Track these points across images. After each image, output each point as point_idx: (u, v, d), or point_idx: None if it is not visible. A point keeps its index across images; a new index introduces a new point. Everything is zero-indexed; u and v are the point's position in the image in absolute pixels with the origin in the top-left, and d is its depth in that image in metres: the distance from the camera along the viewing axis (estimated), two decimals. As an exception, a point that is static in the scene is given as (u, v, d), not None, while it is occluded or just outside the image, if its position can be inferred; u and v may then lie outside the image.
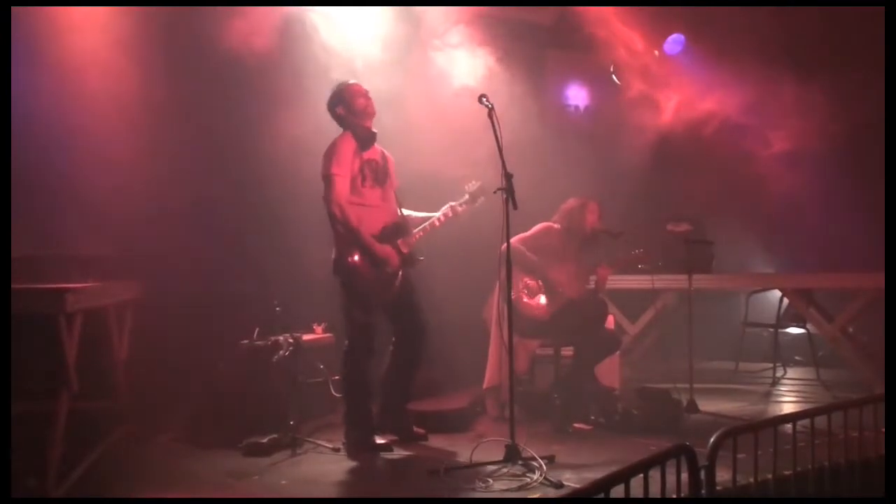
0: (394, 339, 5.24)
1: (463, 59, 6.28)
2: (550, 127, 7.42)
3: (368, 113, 5.09)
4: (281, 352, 5.20)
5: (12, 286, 3.85)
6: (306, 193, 5.59)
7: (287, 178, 5.74)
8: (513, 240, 4.78)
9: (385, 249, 4.99)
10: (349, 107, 5.08)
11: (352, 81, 5.19)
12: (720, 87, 7.59)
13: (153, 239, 5.44)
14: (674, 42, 8.15)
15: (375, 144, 5.14)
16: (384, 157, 5.20)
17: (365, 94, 5.12)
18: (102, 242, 5.22)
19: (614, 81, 8.24)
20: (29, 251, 4.69)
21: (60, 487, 4.03)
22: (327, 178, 4.92)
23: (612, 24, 7.52)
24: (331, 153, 4.97)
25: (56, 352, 4.04)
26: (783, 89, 7.56)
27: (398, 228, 5.15)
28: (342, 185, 4.91)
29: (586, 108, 8.76)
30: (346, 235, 4.92)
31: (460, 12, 6.38)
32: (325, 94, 5.21)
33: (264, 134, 5.85)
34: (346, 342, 5.05)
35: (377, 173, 5.10)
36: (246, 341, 5.48)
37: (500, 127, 4.61)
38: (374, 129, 5.11)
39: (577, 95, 8.74)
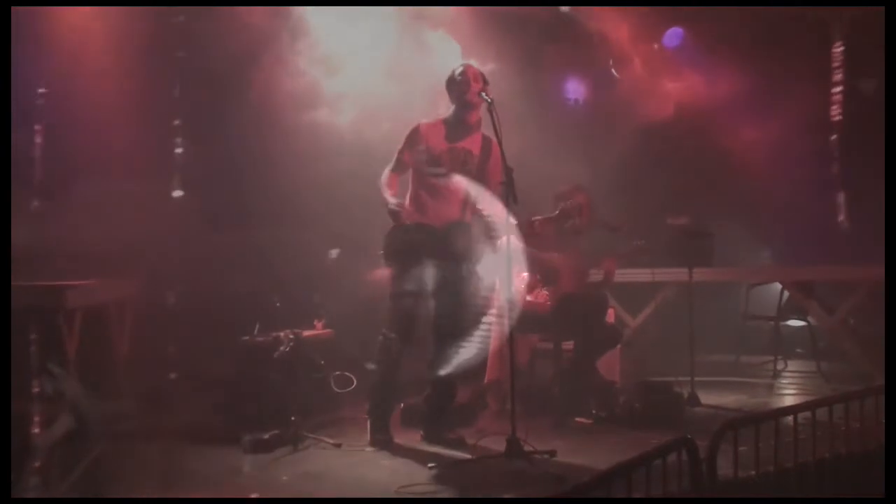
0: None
1: (459, 54, 6.26)
2: (549, 120, 7.41)
3: (473, 104, 4.83)
4: (281, 347, 5.20)
5: (12, 283, 3.84)
6: (307, 189, 5.60)
7: (287, 173, 5.73)
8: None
9: (390, 202, 4.78)
10: (459, 90, 4.87)
11: (474, 64, 5.01)
12: (719, 79, 7.59)
13: (153, 235, 5.45)
14: (672, 35, 8.14)
15: (481, 135, 4.95)
16: (486, 150, 4.94)
17: (479, 84, 4.83)
18: (102, 239, 5.23)
19: (613, 75, 8.23)
20: (29, 248, 4.69)
21: (61, 486, 4.02)
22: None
23: (611, 18, 7.51)
24: (408, 134, 4.91)
25: (56, 349, 4.04)
26: (783, 80, 7.56)
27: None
28: (396, 168, 4.90)
29: (586, 101, 8.75)
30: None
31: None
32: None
33: (264, 128, 5.85)
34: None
35: (465, 165, 4.91)
36: (246, 337, 5.48)
37: (499, 121, 4.59)
38: (471, 122, 4.91)
39: (576, 89, 8.72)
